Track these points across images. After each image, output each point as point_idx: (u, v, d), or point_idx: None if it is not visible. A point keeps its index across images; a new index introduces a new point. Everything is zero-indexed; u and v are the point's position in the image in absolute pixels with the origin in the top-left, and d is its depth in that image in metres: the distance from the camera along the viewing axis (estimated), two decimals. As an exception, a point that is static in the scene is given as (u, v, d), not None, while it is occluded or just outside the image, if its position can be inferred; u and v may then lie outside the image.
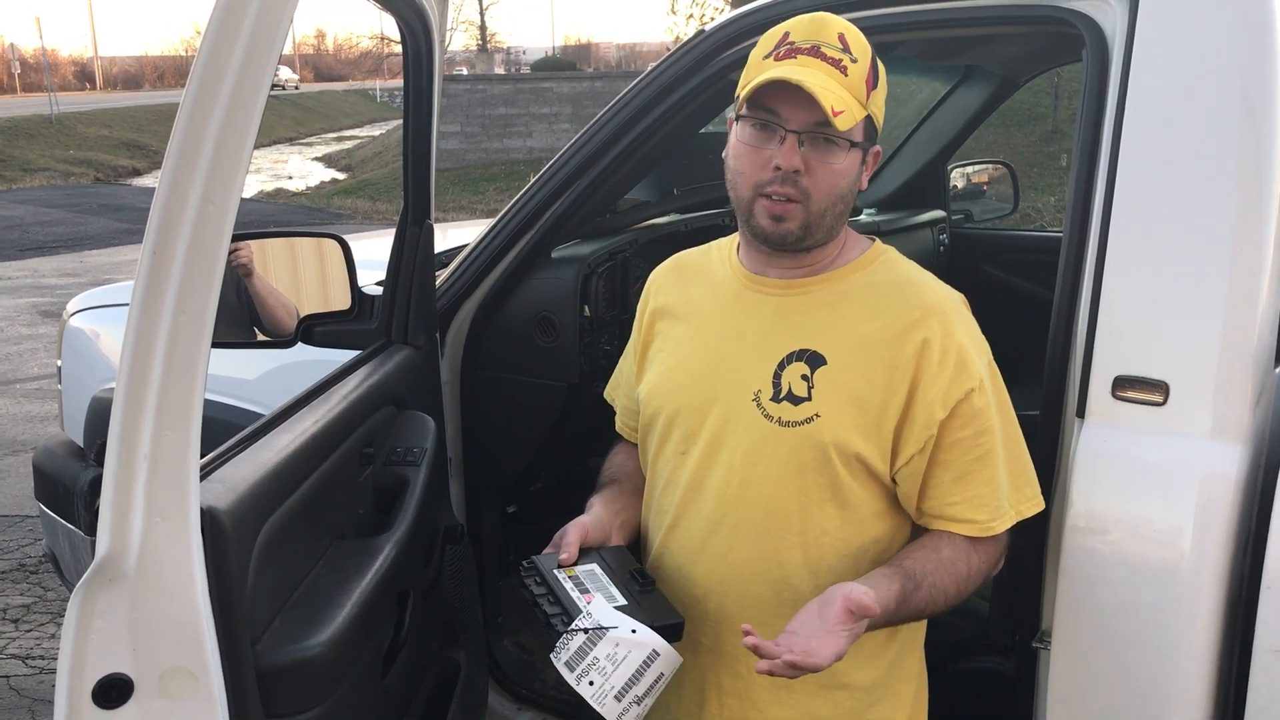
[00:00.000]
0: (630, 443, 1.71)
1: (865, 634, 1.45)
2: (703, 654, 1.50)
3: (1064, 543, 1.55)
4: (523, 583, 1.46)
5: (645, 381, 1.60)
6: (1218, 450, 1.46)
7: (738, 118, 1.44)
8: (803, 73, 1.35)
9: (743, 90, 1.41)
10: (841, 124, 1.34)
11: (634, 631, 1.34)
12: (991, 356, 1.46)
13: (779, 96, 1.37)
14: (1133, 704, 1.53)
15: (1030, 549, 1.59)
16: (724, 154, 1.48)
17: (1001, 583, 1.80)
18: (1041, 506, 1.48)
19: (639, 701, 1.33)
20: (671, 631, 1.39)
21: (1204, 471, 1.46)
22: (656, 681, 1.35)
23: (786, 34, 1.40)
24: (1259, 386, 1.47)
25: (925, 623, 1.57)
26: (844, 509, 1.43)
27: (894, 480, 1.44)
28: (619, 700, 1.32)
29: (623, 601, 1.40)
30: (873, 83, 1.41)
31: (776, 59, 1.39)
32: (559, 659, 1.34)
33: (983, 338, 1.47)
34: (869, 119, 1.42)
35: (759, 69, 1.40)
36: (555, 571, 1.44)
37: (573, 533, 1.49)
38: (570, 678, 1.33)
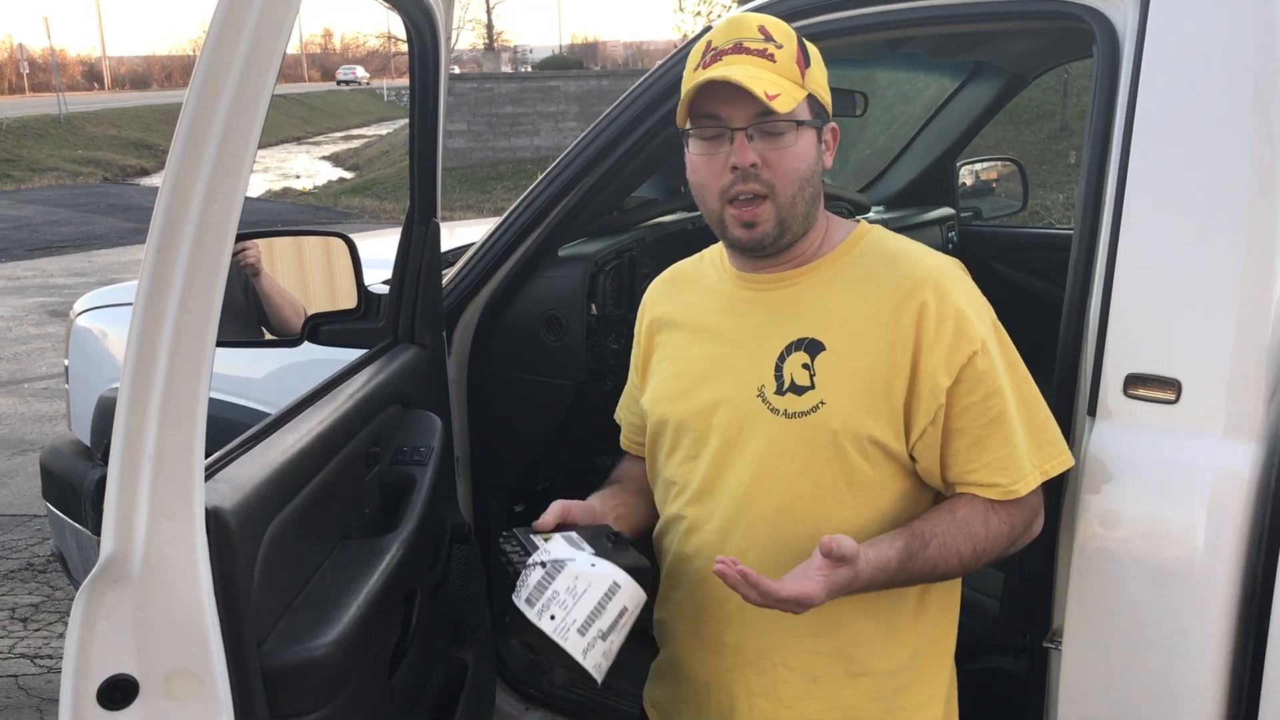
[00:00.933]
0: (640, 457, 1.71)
1: (885, 617, 1.45)
2: (727, 655, 1.49)
3: (1075, 542, 1.54)
4: (501, 550, 1.44)
5: (648, 391, 1.60)
6: (1231, 448, 1.45)
7: (684, 134, 1.46)
8: (729, 70, 1.37)
9: (680, 106, 1.43)
10: (781, 106, 1.35)
11: (593, 566, 1.32)
12: (995, 317, 1.45)
13: (715, 100, 1.38)
14: (1145, 704, 1.51)
15: (1042, 548, 1.58)
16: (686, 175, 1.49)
17: (1012, 582, 1.79)
18: (1070, 463, 1.46)
19: (604, 636, 1.30)
20: (638, 575, 1.35)
21: (1217, 470, 1.45)
22: (621, 616, 1.31)
23: (709, 42, 1.43)
24: (1273, 384, 1.46)
25: (957, 611, 1.54)
26: (860, 497, 1.41)
27: (912, 457, 1.42)
28: (582, 634, 1.29)
29: (592, 551, 1.38)
30: (804, 63, 1.42)
31: (704, 67, 1.40)
32: (519, 597, 1.32)
33: (983, 299, 1.45)
34: (812, 98, 1.43)
35: (689, 80, 1.42)
36: (531, 536, 1.44)
37: (553, 508, 1.49)
38: (531, 614, 1.30)
